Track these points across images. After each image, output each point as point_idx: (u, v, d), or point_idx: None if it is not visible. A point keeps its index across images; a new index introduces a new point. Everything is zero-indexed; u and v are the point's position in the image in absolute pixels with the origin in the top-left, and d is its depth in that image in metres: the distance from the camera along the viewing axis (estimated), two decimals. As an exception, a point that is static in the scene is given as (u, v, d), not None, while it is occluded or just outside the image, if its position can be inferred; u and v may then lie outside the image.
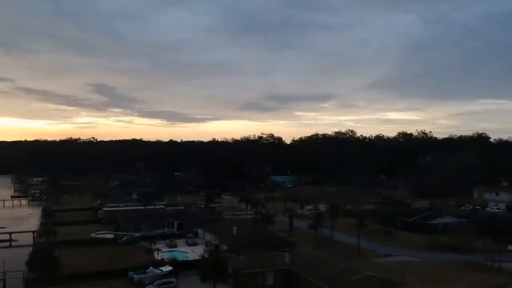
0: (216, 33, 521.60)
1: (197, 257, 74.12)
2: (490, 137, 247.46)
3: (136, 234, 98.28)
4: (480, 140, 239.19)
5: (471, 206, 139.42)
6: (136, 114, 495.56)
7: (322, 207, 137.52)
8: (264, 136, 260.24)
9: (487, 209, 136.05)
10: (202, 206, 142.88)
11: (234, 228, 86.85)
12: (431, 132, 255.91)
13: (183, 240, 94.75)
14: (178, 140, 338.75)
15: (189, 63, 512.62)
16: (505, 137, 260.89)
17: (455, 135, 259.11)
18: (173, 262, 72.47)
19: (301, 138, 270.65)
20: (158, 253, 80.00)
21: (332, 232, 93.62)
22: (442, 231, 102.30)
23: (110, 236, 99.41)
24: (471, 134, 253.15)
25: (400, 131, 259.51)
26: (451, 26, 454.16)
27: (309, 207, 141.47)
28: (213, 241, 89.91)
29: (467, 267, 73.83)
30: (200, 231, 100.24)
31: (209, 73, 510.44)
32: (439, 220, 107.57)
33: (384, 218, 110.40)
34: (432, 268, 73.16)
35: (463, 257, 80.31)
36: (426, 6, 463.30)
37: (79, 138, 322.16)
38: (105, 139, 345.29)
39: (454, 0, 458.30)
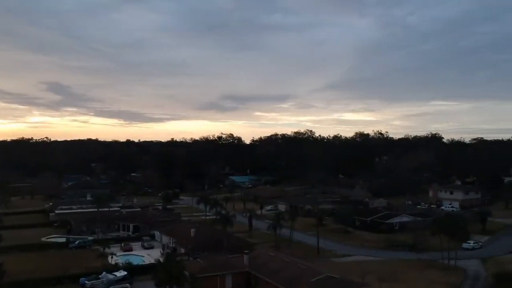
0: (176, 32, 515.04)
1: (153, 261, 71.54)
2: (443, 137, 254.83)
3: (89, 238, 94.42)
4: (434, 140, 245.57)
5: (426, 205, 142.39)
6: (92, 113, 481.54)
7: (282, 207, 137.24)
8: (224, 136, 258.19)
9: (441, 207, 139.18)
10: (160, 207, 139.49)
11: (192, 230, 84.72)
12: (387, 132, 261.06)
13: (139, 243, 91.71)
14: (136, 140, 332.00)
15: (148, 62, 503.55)
16: (457, 137, 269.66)
17: (410, 136, 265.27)
18: (127, 266, 69.67)
19: (260, 138, 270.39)
20: (112, 257, 76.73)
21: (291, 232, 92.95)
22: (399, 230, 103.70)
23: (62, 240, 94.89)
24: (425, 135, 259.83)
25: (357, 131, 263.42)
26: (405, 30, 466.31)
27: (269, 207, 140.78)
28: (170, 243, 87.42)
29: (424, 266, 74.75)
30: (157, 233, 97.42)
31: (169, 72, 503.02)
32: (396, 219, 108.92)
33: (343, 218, 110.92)
34: (391, 267, 73.53)
35: (420, 255, 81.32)
36: (381, 10, 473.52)
37: (31, 138, 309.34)
38: (59, 139, 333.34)
39: (408, 4, 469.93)
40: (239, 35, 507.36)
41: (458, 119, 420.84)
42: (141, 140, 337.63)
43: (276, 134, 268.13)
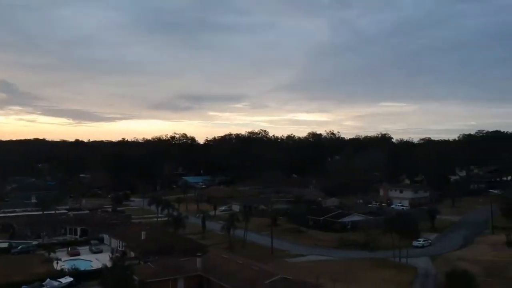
0: (127, 30, 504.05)
1: (101, 266, 68.60)
2: (392, 138, 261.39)
3: (34, 242, 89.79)
4: (384, 140, 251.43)
5: (377, 204, 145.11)
6: (39, 112, 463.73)
7: (236, 207, 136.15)
8: (177, 136, 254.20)
9: (392, 206, 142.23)
10: (109, 209, 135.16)
11: (143, 233, 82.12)
12: (339, 132, 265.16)
13: (87, 248, 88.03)
14: (85, 140, 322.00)
15: (99, 60, 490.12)
16: (405, 137, 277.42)
17: (361, 136, 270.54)
18: (74, 272, 66.50)
19: (214, 138, 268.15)
20: (57, 263, 73.14)
21: (246, 232, 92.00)
22: (352, 229, 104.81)
23: (4, 245, 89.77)
24: (376, 135, 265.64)
25: (311, 131, 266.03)
26: (356, 32, 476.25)
27: (223, 207, 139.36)
28: (120, 247, 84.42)
29: (376, 264, 75.46)
30: (106, 237, 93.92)
31: (120, 71, 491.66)
32: (348, 218, 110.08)
33: (297, 217, 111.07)
34: (344, 267, 73.85)
35: (372, 254, 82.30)
36: (332, 12, 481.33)
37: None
38: (3, 139, 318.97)
39: (357, 7, 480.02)
40: (193, 34, 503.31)
41: (406, 119, 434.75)
42: (91, 140, 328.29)
43: (230, 134, 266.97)
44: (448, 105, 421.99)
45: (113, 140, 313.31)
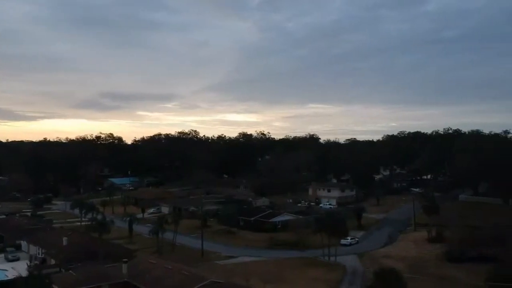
0: (52, 25, 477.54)
1: (17, 275, 63.56)
2: (320, 138, 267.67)
3: None
4: (312, 140, 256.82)
5: (306, 203, 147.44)
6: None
7: (165, 209, 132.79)
8: (103, 136, 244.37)
9: (320, 205, 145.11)
10: (29, 214, 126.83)
11: (65, 238, 77.30)
12: (269, 133, 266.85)
13: (2, 256, 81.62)
14: (3, 140, 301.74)
15: (18, 56, 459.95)
16: (332, 138, 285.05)
17: (290, 136, 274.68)
18: (-14, 283, 61.21)
19: (143, 138, 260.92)
20: (-33, 274, 67.03)
21: (175, 235, 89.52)
22: (282, 229, 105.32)
23: None
24: (304, 135, 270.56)
25: (241, 132, 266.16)
26: (283, 35, 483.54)
27: (152, 210, 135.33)
28: (39, 254, 79.02)
29: (306, 264, 76.05)
30: (23, 243, 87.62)
31: (43, 68, 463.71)
32: (279, 218, 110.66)
33: (227, 218, 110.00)
34: (275, 267, 73.78)
35: (302, 253, 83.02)
36: (261, 15, 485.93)
37: None
38: None
39: (286, 11, 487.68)
40: (121, 31, 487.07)
41: (333, 121, 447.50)
42: (10, 140, 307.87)
43: (160, 134, 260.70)
44: (372, 107, 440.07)
45: (34, 140, 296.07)
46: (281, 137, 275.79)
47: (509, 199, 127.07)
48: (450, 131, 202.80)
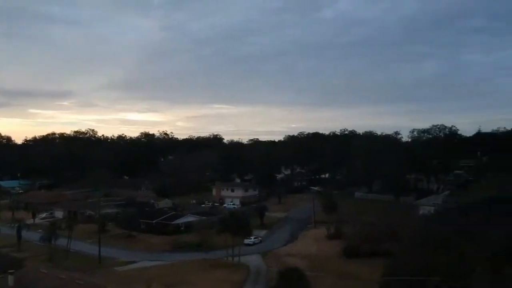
0: None
1: None
2: (223, 138, 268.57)
3: None
4: (215, 141, 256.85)
5: (210, 203, 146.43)
6: None
7: (59, 213, 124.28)
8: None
9: (224, 205, 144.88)
10: None
11: None
12: (172, 133, 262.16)
13: None
14: None
15: None
16: (235, 138, 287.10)
17: (194, 136, 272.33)
18: None
19: (35, 138, 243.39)
20: None
21: (69, 241, 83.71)
22: (186, 230, 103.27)
23: None
24: (208, 136, 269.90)
25: (143, 131, 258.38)
26: (187, 35, 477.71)
27: (44, 214, 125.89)
28: None
29: (210, 265, 74.80)
30: None
31: None
32: (182, 220, 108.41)
33: (128, 221, 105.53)
34: (178, 270, 71.67)
35: (206, 254, 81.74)
36: (164, 13, 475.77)
37: None
38: None
39: (189, 10, 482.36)
40: (11, 24, 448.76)
41: (236, 121, 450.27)
42: None
43: (54, 134, 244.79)
44: (274, 108, 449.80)
45: None
46: (184, 137, 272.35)
47: (399, 196, 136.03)
48: (346, 132, 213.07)
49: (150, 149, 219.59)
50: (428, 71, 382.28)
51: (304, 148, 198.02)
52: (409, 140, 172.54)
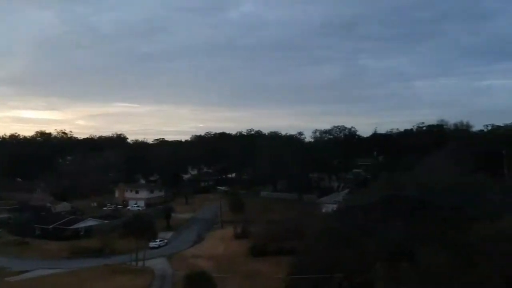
0: None
1: None
2: (127, 138, 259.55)
3: None
4: (119, 140, 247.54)
5: (113, 206, 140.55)
6: None
7: None
8: None
9: (128, 207, 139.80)
10: None
11: None
12: (71, 132, 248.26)
13: None
14: None
15: None
16: (140, 138, 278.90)
17: (95, 136, 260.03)
18: None
19: None
20: None
21: (-49, 252, 75.71)
22: (86, 235, 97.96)
23: None
24: (110, 135, 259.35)
25: (38, 130, 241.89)
26: (89, 29, 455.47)
27: None
28: None
29: (111, 271, 71.25)
30: None
31: None
32: (81, 224, 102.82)
33: (21, 227, 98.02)
34: (76, 278, 67.48)
35: (108, 260, 78.05)
36: (63, 5, 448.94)
37: None
38: None
39: (90, 4, 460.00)
40: None
41: (142, 120, 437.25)
42: None
43: None
44: (181, 108, 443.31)
45: None
46: (85, 137, 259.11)
47: (303, 194, 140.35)
48: (253, 132, 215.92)
49: (47, 149, 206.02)
50: (330, 74, 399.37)
51: (211, 148, 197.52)
52: (312, 140, 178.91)
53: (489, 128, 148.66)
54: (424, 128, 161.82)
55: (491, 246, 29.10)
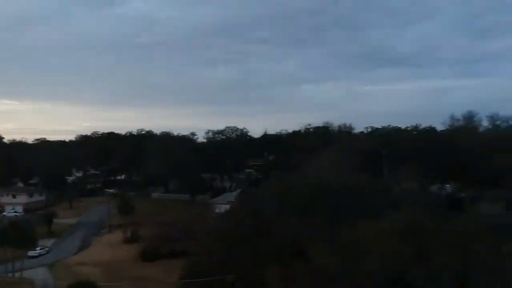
0: None
1: None
2: (3, 138, 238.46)
3: None
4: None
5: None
6: None
7: None
8: None
9: (4, 213, 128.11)
10: None
11: None
12: None
13: None
14: None
15: None
16: (19, 137, 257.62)
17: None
18: None
19: None
20: None
21: None
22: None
23: None
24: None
25: None
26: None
27: None
28: None
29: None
30: None
31: None
32: None
33: None
34: None
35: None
36: None
37: None
38: None
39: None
40: None
41: (20, 119, 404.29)
42: None
43: None
44: (64, 106, 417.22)
45: None
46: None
47: (195, 195, 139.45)
48: (143, 132, 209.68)
49: None
50: (224, 75, 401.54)
51: (99, 149, 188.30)
52: (205, 140, 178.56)
53: (369, 130, 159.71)
54: (311, 129, 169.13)
55: (374, 244, 30.73)
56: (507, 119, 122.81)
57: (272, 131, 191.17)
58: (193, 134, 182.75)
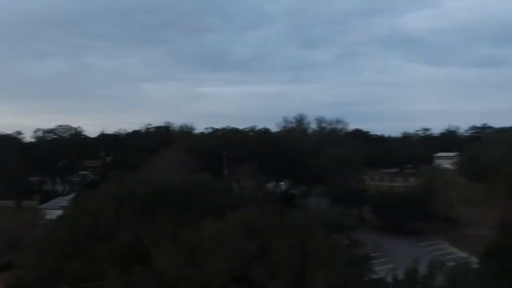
0: None
1: None
2: None
3: None
4: None
5: None
6: None
7: None
8: None
9: None
10: None
11: None
12: None
13: None
14: None
15: None
16: None
17: None
18: None
19: None
20: None
21: None
22: None
23: None
24: None
25: None
26: None
27: None
28: None
29: None
30: None
31: None
32: None
33: None
34: None
35: None
36: None
37: None
38: None
39: None
40: None
41: None
42: None
43: None
44: None
45: None
46: None
47: (21, 200, 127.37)
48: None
49: None
50: (53, 70, 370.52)
51: None
52: (34, 140, 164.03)
53: (210, 130, 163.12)
54: (152, 129, 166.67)
55: (217, 243, 31.18)
56: (331, 122, 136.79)
57: (110, 130, 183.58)
58: (19, 133, 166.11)
